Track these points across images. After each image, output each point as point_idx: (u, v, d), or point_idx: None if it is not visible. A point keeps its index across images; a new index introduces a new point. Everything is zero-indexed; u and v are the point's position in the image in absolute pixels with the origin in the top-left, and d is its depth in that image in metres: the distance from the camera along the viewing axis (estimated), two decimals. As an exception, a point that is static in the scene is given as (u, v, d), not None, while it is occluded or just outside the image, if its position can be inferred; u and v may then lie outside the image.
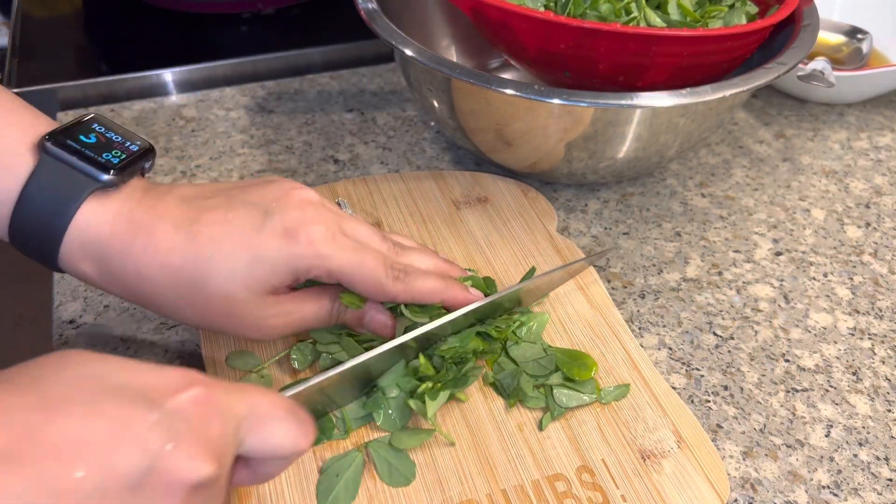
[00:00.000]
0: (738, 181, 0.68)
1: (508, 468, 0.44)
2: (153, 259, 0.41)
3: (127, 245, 0.41)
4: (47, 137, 0.41)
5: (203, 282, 0.41)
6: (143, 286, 0.42)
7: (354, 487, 0.43)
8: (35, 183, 0.40)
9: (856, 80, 0.73)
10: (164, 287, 0.41)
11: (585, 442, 0.45)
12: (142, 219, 0.41)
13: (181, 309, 0.42)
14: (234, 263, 0.41)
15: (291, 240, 0.42)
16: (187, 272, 0.41)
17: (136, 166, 0.43)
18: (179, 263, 0.41)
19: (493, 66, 0.77)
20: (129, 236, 0.41)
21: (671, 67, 0.56)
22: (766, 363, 0.52)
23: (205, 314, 0.42)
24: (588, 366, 0.48)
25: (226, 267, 0.41)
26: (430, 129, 0.73)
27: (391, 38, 0.57)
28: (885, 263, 0.61)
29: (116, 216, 0.41)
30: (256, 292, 0.42)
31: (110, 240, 0.41)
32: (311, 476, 0.43)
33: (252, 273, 0.41)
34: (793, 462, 0.47)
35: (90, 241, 0.41)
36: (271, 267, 0.42)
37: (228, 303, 0.42)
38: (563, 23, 0.54)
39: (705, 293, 0.57)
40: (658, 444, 0.45)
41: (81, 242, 0.41)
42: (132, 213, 0.41)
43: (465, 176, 0.64)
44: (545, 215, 0.60)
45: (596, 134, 0.56)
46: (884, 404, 0.50)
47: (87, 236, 0.41)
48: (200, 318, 0.43)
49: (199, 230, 0.41)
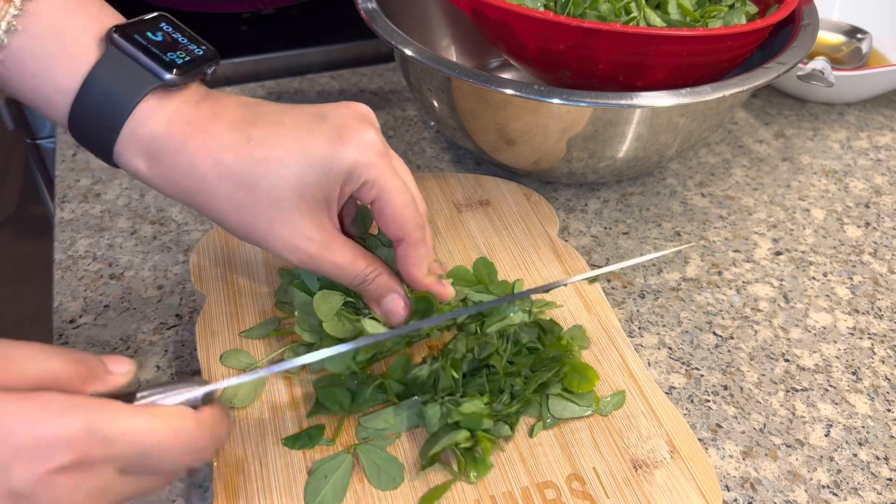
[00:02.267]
0: (737, 181, 0.68)
1: (498, 473, 0.43)
2: (207, 156, 0.41)
3: (182, 142, 0.41)
4: (115, 29, 0.40)
5: (254, 183, 0.41)
6: (193, 183, 0.41)
7: (342, 489, 0.42)
8: (99, 74, 0.40)
9: (855, 79, 0.73)
10: (215, 185, 0.41)
11: (577, 449, 0.45)
12: (198, 118, 0.42)
13: (227, 211, 0.42)
14: (285, 167, 0.41)
15: (343, 140, 0.42)
16: (239, 171, 0.41)
17: (199, 69, 0.42)
18: (231, 161, 0.41)
19: (493, 65, 0.77)
20: (184, 134, 0.41)
21: (671, 67, 0.56)
22: (766, 363, 0.52)
23: (249, 218, 0.42)
24: (589, 379, 0.47)
25: (277, 170, 0.41)
26: (430, 128, 0.73)
27: (391, 38, 0.57)
28: (885, 263, 0.61)
29: (174, 114, 0.41)
30: (305, 200, 0.42)
31: (166, 136, 0.41)
32: (299, 477, 0.43)
33: (303, 178, 0.41)
34: (792, 462, 0.47)
35: (146, 136, 0.41)
36: (322, 172, 0.42)
37: (275, 206, 0.42)
38: (563, 22, 0.54)
39: (705, 293, 0.57)
40: (651, 453, 0.45)
41: (137, 137, 0.41)
42: (190, 113, 0.42)
43: (468, 178, 0.64)
44: (547, 219, 0.60)
45: (596, 133, 0.56)
46: (883, 404, 0.50)
47: (144, 131, 0.41)
48: (243, 223, 0.42)
49: (254, 132, 0.42)
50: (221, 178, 0.41)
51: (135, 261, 0.58)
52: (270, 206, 0.42)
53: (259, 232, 0.42)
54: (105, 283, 0.56)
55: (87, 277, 0.57)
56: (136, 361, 0.44)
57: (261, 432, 0.45)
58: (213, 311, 0.51)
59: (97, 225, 0.61)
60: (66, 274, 0.57)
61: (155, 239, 0.60)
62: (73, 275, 0.57)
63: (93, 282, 0.56)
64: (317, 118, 0.43)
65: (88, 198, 0.63)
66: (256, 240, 0.43)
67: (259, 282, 0.53)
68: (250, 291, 0.53)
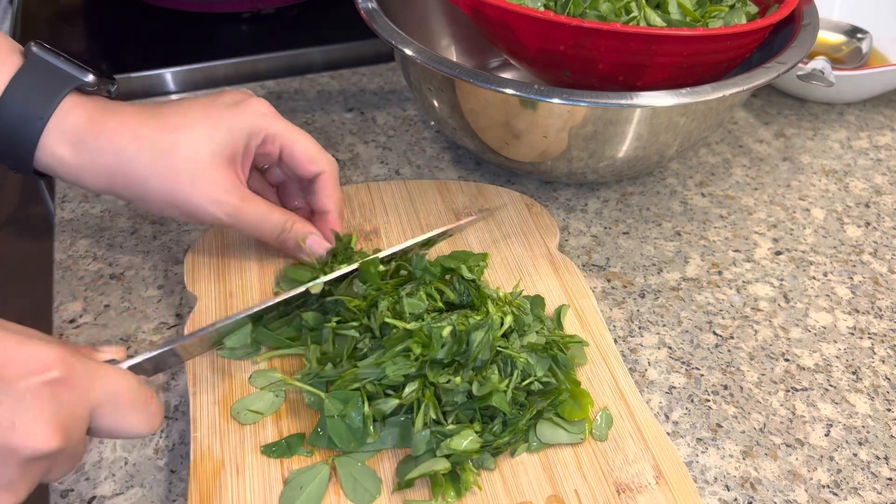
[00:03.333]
0: (737, 180, 0.68)
1: (476, 491, 0.43)
2: (126, 131, 0.47)
3: (101, 126, 0.46)
4: (33, 43, 0.47)
5: (172, 147, 0.47)
6: (114, 160, 0.46)
7: (317, 501, 0.42)
8: (24, 75, 0.45)
9: (855, 79, 0.73)
10: (135, 156, 0.47)
11: (560, 471, 0.44)
12: (112, 109, 0.48)
13: (149, 178, 0.47)
14: (196, 130, 0.48)
15: (241, 108, 0.50)
16: (156, 140, 0.47)
17: (107, 82, 0.49)
18: (149, 133, 0.47)
19: (494, 65, 0.77)
20: (103, 121, 0.47)
21: (671, 67, 0.56)
22: (766, 362, 0.52)
23: (171, 180, 0.47)
24: (584, 406, 0.46)
25: (190, 133, 0.48)
26: (429, 128, 0.73)
27: (391, 38, 0.57)
28: (885, 263, 0.61)
29: (92, 110, 0.47)
30: (217, 157, 0.48)
31: (88, 125, 0.46)
32: (275, 486, 0.42)
33: (212, 137, 0.48)
34: (792, 461, 0.47)
35: (69, 127, 0.46)
36: (227, 131, 0.48)
37: (194, 165, 0.47)
38: (563, 22, 0.54)
39: (705, 292, 0.57)
40: (636, 477, 0.44)
41: (61, 129, 0.46)
42: (105, 108, 0.47)
43: (470, 186, 0.63)
44: (547, 231, 0.59)
45: (596, 133, 0.56)
46: (883, 403, 0.50)
47: (67, 124, 0.46)
48: (166, 186, 0.47)
49: (164, 111, 0.49)
50: (141, 149, 0.47)
51: (135, 261, 0.58)
52: (190, 166, 0.47)
53: (183, 192, 0.47)
54: (105, 283, 0.56)
55: (87, 277, 0.57)
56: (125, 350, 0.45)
57: (240, 440, 0.45)
58: (202, 313, 0.51)
59: (97, 225, 0.61)
60: (66, 274, 0.57)
61: (155, 239, 0.60)
62: (73, 275, 0.57)
63: (93, 282, 0.56)
64: (214, 97, 0.50)
65: (88, 198, 0.63)
66: (181, 200, 0.48)
67: (251, 285, 0.53)
68: (241, 295, 0.53)
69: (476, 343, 0.45)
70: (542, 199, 0.65)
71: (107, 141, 0.46)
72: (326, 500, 0.42)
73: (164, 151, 0.47)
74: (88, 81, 0.47)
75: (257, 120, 0.50)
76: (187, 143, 0.47)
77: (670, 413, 0.49)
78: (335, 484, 0.43)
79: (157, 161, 0.47)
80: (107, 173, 0.47)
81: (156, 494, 0.44)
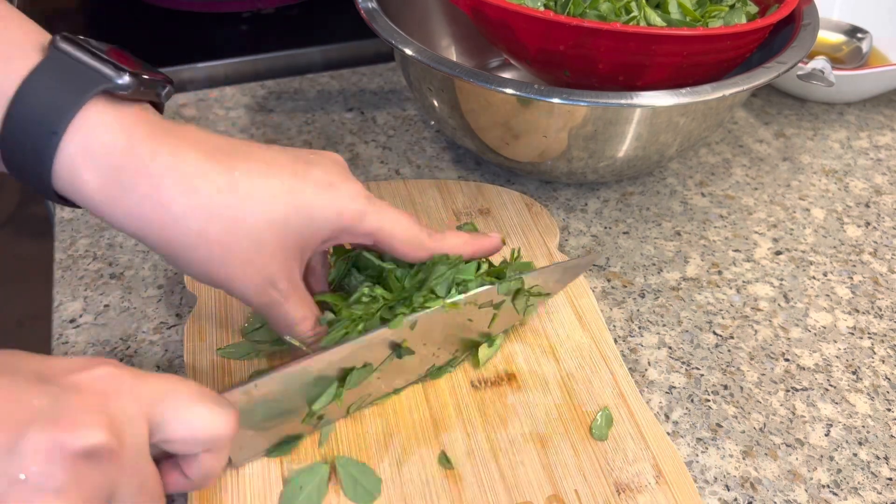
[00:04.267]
0: (737, 180, 0.68)
1: (476, 491, 0.43)
2: (178, 182, 0.35)
3: (146, 160, 0.35)
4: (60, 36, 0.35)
5: (235, 220, 0.37)
6: (156, 214, 0.36)
7: (317, 501, 0.42)
8: (40, 75, 0.34)
9: (855, 79, 0.73)
10: (182, 217, 0.36)
11: (560, 470, 0.44)
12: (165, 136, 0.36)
13: (194, 247, 0.37)
14: (272, 207, 0.37)
15: (333, 191, 0.39)
16: (218, 205, 0.36)
17: (153, 84, 0.38)
18: (210, 192, 0.36)
19: (494, 65, 0.77)
20: (149, 153, 0.35)
21: (671, 67, 0.56)
22: (766, 362, 0.52)
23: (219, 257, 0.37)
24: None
25: (263, 210, 0.37)
26: (430, 128, 0.73)
27: (391, 38, 0.57)
28: (885, 262, 0.61)
29: (135, 129, 0.36)
30: (284, 246, 0.38)
31: (126, 153, 0.35)
32: (275, 486, 0.42)
33: (289, 222, 0.38)
34: (792, 461, 0.47)
35: (100, 147, 0.35)
36: (309, 220, 0.38)
37: (254, 249, 0.38)
38: (563, 22, 0.54)
39: (705, 292, 0.57)
40: (636, 477, 0.44)
41: (88, 149, 0.35)
42: (154, 129, 0.36)
43: (470, 186, 0.63)
44: (547, 231, 0.59)
45: (596, 133, 0.56)
46: (883, 403, 0.50)
47: (97, 143, 0.35)
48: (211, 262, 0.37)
49: (235, 164, 0.37)
50: (195, 209, 0.36)
51: (135, 260, 0.58)
52: (249, 248, 0.38)
53: (228, 273, 0.38)
54: (105, 283, 0.56)
55: (87, 277, 0.57)
56: None
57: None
58: (202, 313, 0.51)
59: (97, 224, 0.61)
60: (66, 273, 0.57)
61: (155, 238, 0.60)
62: (73, 274, 0.57)
63: (93, 281, 0.56)
64: (301, 162, 0.40)
65: (88, 197, 0.63)
66: (220, 280, 0.39)
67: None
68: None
69: (437, 275, 0.44)
70: (542, 199, 0.65)
71: (150, 185, 0.35)
72: (326, 500, 0.42)
73: (223, 221, 0.36)
74: (122, 84, 0.35)
75: (349, 212, 0.40)
76: (257, 221, 0.37)
77: (670, 413, 0.49)
78: (335, 484, 0.43)
79: (210, 230, 0.36)
80: (141, 223, 0.36)
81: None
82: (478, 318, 0.47)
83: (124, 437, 0.31)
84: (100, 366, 0.32)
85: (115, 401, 0.31)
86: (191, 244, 0.37)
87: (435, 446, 0.45)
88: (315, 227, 0.39)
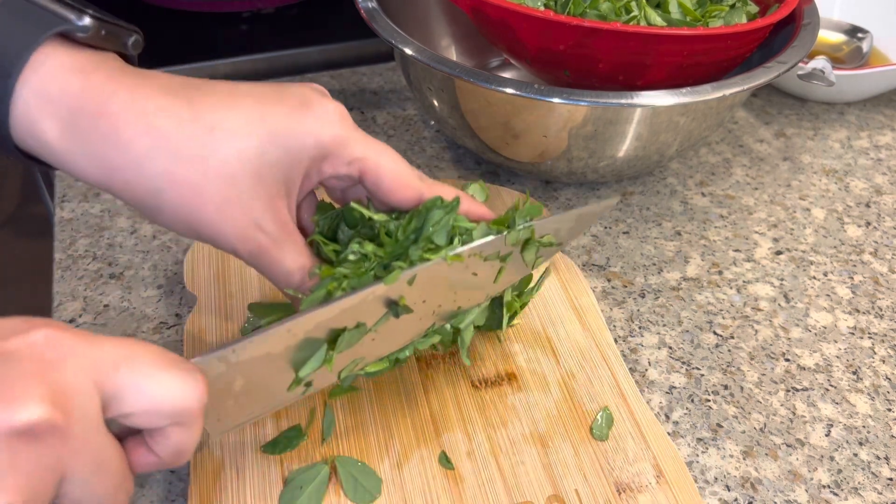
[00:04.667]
0: (738, 180, 0.68)
1: (477, 492, 0.43)
2: (136, 119, 0.33)
3: (104, 100, 0.33)
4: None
5: (201, 156, 0.34)
6: (118, 155, 0.33)
7: (317, 501, 0.42)
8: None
9: (856, 78, 0.73)
10: (145, 156, 0.33)
11: (560, 470, 0.44)
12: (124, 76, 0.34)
13: (161, 191, 0.34)
14: (242, 138, 0.34)
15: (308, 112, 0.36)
16: (180, 140, 0.33)
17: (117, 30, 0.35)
18: (170, 128, 0.33)
19: (494, 64, 0.77)
20: (106, 91, 0.33)
21: (671, 66, 0.56)
22: (767, 362, 0.52)
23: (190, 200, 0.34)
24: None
25: (232, 142, 0.34)
26: (430, 127, 0.73)
27: (391, 37, 0.57)
28: (886, 262, 0.61)
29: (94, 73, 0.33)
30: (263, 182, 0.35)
31: (82, 93, 0.33)
32: (275, 486, 0.42)
33: (262, 154, 0.34)
34: (793, 461, 0.47)
35: (56, 92, 0.33)
36: (285, 149, 0.35)
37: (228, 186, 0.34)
38: (563, 22, 0.54)
39: (705, 292, 0.57)
40: (636, 477, 0.44)
41: (44, 93, 0.33)
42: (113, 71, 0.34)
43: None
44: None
45: (596, 133, 0.56)
46: (884, 403, 0.50)
47: (52, 86, 0.33)
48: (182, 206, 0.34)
49: (197, 97, 0.34)
50: (157, 149, 0.33)
51: (134, 260, 0.58)
52: (223, 186, 0.34)
53: (204, 217, 0.35)
54: (105, 283, 0.56)
55: (87, 277, 0.56)
56: None
57: (240, 439, 0.44)
58: (202, 313, 0.51)
59: (97, 224, 0.61)
60: (66, 273, 0.57)
61: (155, 238, 0.60)
62: (73, 274, 0.57)
63: (92, 281, 0.56)
64: (274, 89, 0.36)
65: (88, 197, 0.63)
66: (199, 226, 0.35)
67: (251, 286, 0.53)
68: (241, 295, 0.53)
69: (433, 221, 0.40)
70: (542, 199, 0.65)
71: (109, 126, 0.33)
72: (326, 500, 0.42)
73: (189, 159, 0.33)
74: (81, 25, 0.33)
75: (328, 134, 0.36)
76: (227, 155, 0.34)
77: (671, 413, 0.49)
78: (335, 484, 0.43)
79: (176, 169, 0.33)
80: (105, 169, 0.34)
81: (155, 494, 0.44)
82: (483, 272, 0.43)
83: (71, 410, 0.27)
84: (38, 328, 0.28)
85: (59, 369, 0.27)
86: (158, 188, 0.34)
87: (435, 446, 0.45)
88: (294, 156, 0.35)
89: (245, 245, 0.36)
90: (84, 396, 0.28)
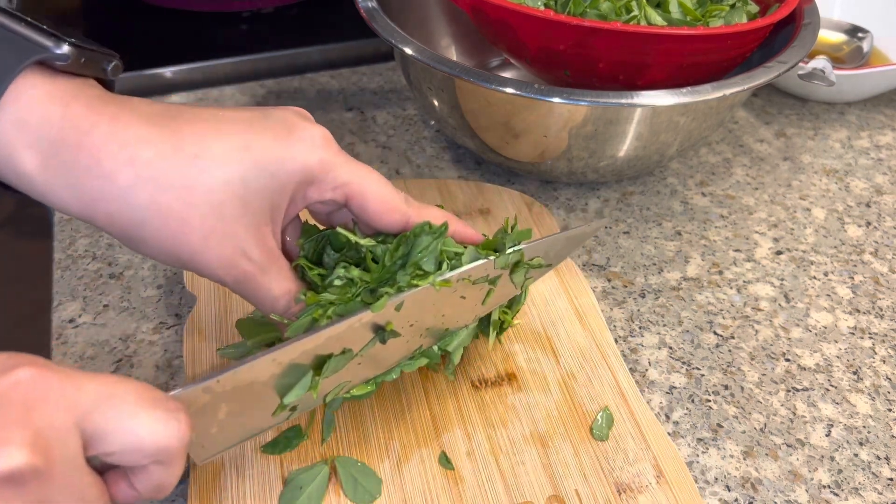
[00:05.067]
0: (738, 180, 0.68)
1: (477, 492, 0.43)
2: (118, 150, 0.33)
3: (85, 131, 0.33)
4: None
5: (186, 186, 0.33)
6: (101, 186, 0.33)
7: (317, 501, 0.42)
8: None
9: (856, 78, 0.73)
10: (129, 190, 0.33)
11: (560, 470, 0.44)
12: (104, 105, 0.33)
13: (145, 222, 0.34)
14: (226, 165, 0.34)
15: (293, 138, 0.36)
16: (163, 171, 0.33)
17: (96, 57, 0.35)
18: (154, 158, 0.33)
19: (494, 64, 0.77)
20: (87, 121, 0.33)
21: (672, 66, 0.55)
22: (767, 362, 0.52)
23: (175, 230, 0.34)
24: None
25: (216, 171, 0.34)
26: (430, 127, 0.73)
27: (391, 37, 0.57)
28: (886, 262, 0.61)
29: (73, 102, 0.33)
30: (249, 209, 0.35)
31: (62, 123, 0.33)
32: (275, 486, 0.42)
33: (248, 180, 0.34)
34: (793, 461, 0.47)
35: (35, 122, 0.32)
36: (269, 175, 0.34)
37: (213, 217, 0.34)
38: (563, 21, 0.54)
39: (706, 292, 0.57)
40: (636, 477, 0.44)
41: (22, 123, 0.32)
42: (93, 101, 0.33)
43: (470, 186, 0.63)
44: (548, 231, 0.59)
45: (596, 133, 0.56)
46: (884, 403, 0.50)
47: (31, 116, 0.32)
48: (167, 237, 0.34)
49: (180, 127, 0.34)
50: (140, 180, 0.33)
51: (134, 260, 0.58)
52: (207, 217, 0.34)
53: (190, 246, 0.34)
54: (104, 283, 0.56)
55: (87, 277, 0.56)
56: None
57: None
58: (202, 313, 0.51)
59: (97, 224, 0.61)
60: (66, 273, 0.57)
61: (154, 238, 0.60)
62: (73, 274, 0.57)
63: (92, 281, 0.56)
64: (257, 115, 0.36)
65: (88, 197, 0.63)
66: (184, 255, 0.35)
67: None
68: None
69: (421, 247, 0.40)
70: (542, 199, 0.65)
71: (91, 158, 0.33)
72: (326, 500, 0.42)
73: (173, 189, 0.33)
74: (60, 54, 0.33)
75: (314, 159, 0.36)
76: (211, 183, 0.33)
77: (671, 413, 0.49)
78: (335, 484, 0.43)
79: (161, 199, 0.33)
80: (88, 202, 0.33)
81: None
82: (471, 295, 0.43)
83: (52, 453, 0.27)
84: (19, 367, 0.28)
85: (41, 411, 0.27)
86: (142, 219, 0.34)
87: (435, 447, 0.45)
88: (280, 182, 0.35)
89: (230, 273, 0.36)
90: (66, 437, 0.28)
